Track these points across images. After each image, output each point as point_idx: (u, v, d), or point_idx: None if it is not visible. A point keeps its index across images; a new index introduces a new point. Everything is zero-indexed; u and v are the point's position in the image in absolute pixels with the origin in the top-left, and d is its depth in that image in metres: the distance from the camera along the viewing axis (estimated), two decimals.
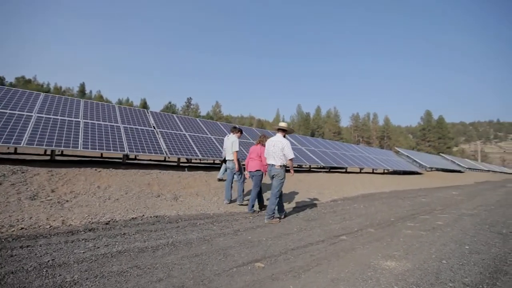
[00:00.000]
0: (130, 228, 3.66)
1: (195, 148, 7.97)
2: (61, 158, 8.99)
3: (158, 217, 4.39)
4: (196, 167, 8.82)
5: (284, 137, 4.79)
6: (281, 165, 4.60)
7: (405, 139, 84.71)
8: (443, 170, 25.32)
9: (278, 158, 4.59)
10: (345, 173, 13.61)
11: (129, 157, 7.84)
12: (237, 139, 5.85)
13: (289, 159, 4.60)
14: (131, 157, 11.93)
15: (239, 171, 5.74)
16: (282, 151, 4.58)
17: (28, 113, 6.44)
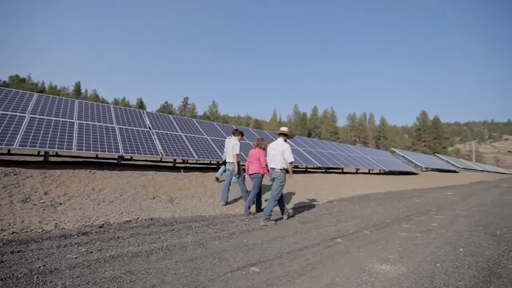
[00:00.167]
0: (124, 232, 3.63)
1: (191, 149, 7.93)
2: (55, 159, 8.88)
3: (153, 219, 4.36)
4: (192, 168, 8.78)
5: (285, 141, 4.91)
6: (282, 169, 4.70)
7: (401, 139, 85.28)
8: (438, 170, 25.52)
9: (278, 162, 4.69)
10: (342, 173, 13.66)
11: (124, 158, 7.78)
12: (238, 142, 5.89)
13: (288, 162, 4.70)
14: (127, 158, 11.83)
15: (238, 174, 5.73)
16: (282, 155, 4.69)
17: (21, 114, 6.35)
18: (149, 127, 8.32)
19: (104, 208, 4.55)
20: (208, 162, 12.86)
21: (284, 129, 5.02)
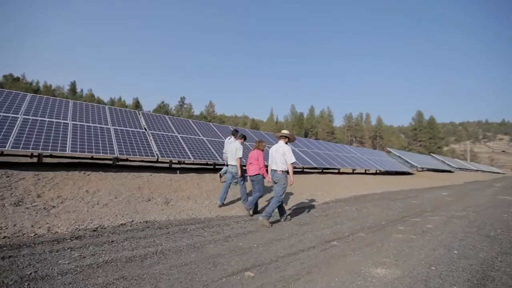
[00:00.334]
0: (118, 235, 3.59)
1: (187, 150, 7.89)
2: (50, 160, 8.78)
3: (148, 222, 4.32)
4: (188, 169, 8.73)
5: (286, 143, 5.03)
6: (283, 171, 4.80)
7: (397, 139, 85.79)
8: (433, 170, 25.73)
9: (280, 163, 4.80)
10: (338, 173, 13.69)
11: (119, 159, 7.71)
12: (241, 145, 5.92)
13: (290, 163, 4.79)
14: (122, 159, 11.73)
15: (241, 177, 5.80)
16: (283, 156, 4.80)
17: (14, 115, 6.26)
18: (144, 128, 8.26)
19: (98, 211, 4.50)
20: (205, 163, 12.81)
21: (285, 132, 5.17)
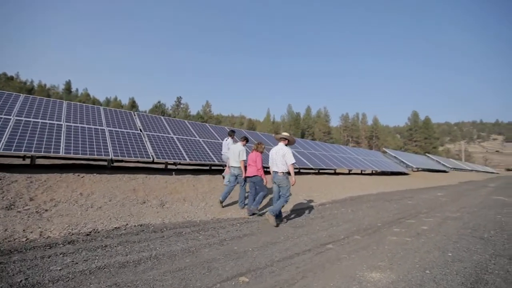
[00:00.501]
0: (112, 240, 3.55)
1: (183, 151, 7.84)
2: (44, 161, 8.68)
3: (143, 226, 4.28)
4: (184, 170, 8.69)
5: (286, 145, 5.13)
6: (284, 172, 4.91)
7: (393, 139, 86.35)
8: (429, 170, 25.94)
9: (281, 165, 4.89)
10: (334, 174, 13.74)
11: (114, 161, 7.62)
12: (244, 148, 6.01)
13: (290, 164, 4.88)
14: (117, 160, 11.63)
15: (244, 178, 5.87)
16: (283, 158, 4.88)
17: (6, 116, 6.17)
18: (140, 129, 8.20)
19: (92, 214, 4.45)
20: (201, 164, 12.76)
21: (285, 134, 5.28)
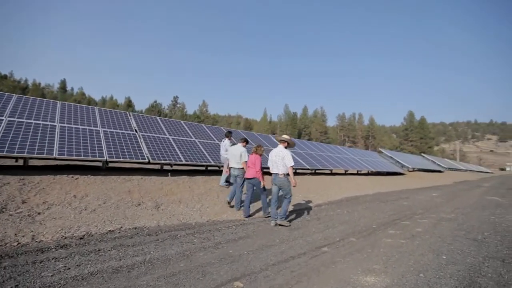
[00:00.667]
0: (106, 243, 3.51)
1: (179, 152, 7.80)
2: (37, 162, 8.57)
3: (137, 228, 4.25)
4: (180, 171, 8.64)
5: (286, 148, 5.21)
6: (284, 174, 5.01)
7: (389, 139, 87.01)
8: (424, 170, 26.15)
9: (281, 167, 4.99)
10: (331, 174, 13.78)
11: (108, 162, 7.49)
12: (245, 149, 6.10)
13: (289, 166, 4.97)
14: (113, 161, 11.54)
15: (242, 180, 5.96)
16: (283, 160, 4.98)
17: None
18: (135, 129, 8.14)
19: (86, 217, 4.40)
20: (197, 165, 12.70)
21: (285, 137, 5.34)
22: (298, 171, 13.55)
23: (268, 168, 5.33)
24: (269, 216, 5.33)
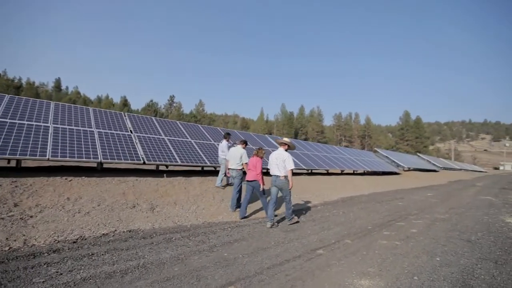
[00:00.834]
0: (99, 247, 3.48)
1: (174, 153, 7.76)
2: (31, 163, 8.47)
3: (132, 231, 4.22)
4: (175, 172, 8.60)
5: (286, 151, 5.34)
6: (285, 176, 5.14)
7: (385, 138, 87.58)
8: (419, 170, 26.36)
9: (282, 169, 5.12)
10: (327, 174, 13.82)
11: (103, 163, 7.39)
12: (245, 151, 6.20)
13: (289, 169, 5.11)
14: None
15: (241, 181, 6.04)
16: (284, 162, 5.11)
17: None
18: (130, 130, 8.07)
19: (79, 220, 4.35)
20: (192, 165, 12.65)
21: (286, 139, 5.50)
22: (294, 171, 13.57)
23: (268, 169, 5.37)
24: (276, 216, 5.35)
